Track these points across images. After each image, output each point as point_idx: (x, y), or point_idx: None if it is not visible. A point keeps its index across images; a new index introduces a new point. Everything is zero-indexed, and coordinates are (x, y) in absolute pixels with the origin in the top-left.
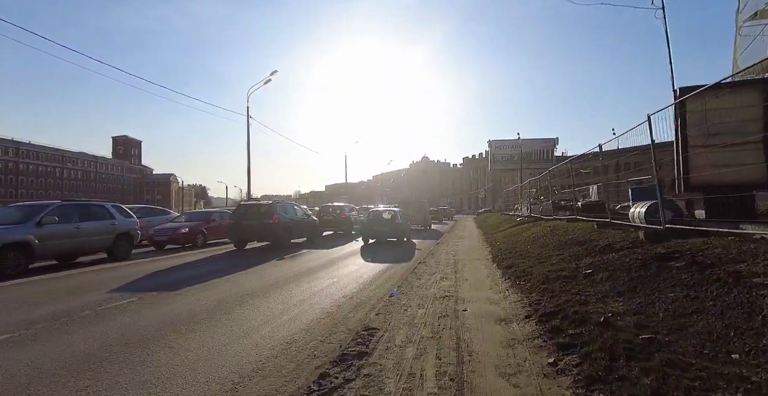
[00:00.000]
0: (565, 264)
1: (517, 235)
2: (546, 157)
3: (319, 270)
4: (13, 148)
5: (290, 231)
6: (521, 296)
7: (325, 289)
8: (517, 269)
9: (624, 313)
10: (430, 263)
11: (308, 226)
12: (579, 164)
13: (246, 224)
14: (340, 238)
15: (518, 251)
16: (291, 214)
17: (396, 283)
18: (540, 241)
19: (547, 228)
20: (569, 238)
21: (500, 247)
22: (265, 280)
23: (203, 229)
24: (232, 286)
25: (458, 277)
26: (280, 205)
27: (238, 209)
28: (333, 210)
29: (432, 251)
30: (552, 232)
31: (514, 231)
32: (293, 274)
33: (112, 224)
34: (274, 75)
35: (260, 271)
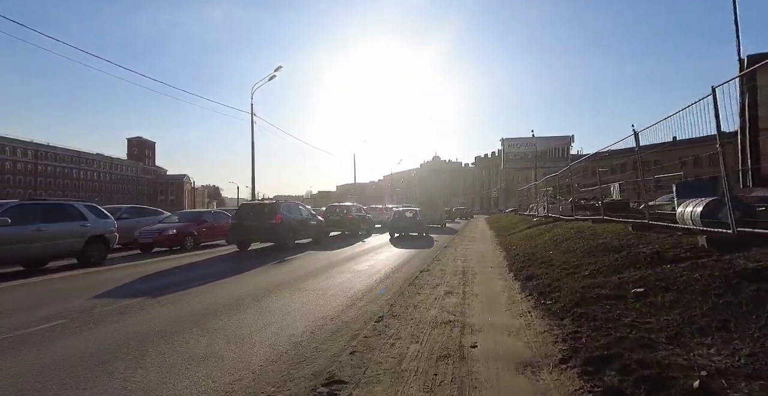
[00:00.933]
0: (602, 277)
1: (535, 238)
2: (561, 156)
3: (310, 277)
4: (32, 149)
5: (295, 231)
6: (550, 323)
7: (305, 306)
8: (541, 282)
9: (731, 371)
10: (434, 272)
11: (314, 227)
12: (596, 162)
13: (248, 225)
14: (347, 239)
15: (539, 258)
16: (296, 214)
17: (391, 298)
18: (564, 246)
19: (571, 230)
20: (600, 242)
21: (517, 251)
22: (238, 293)
23: (193, 231)
24: (193, 303)
25: (467, 291)
26: (284, 204)
27: (241, 209)
28: (340, 210)
29: (437, 257)
30: (577, 235)
31: (531, 233)
32: (277, 284)
33: (83, 226)
34: (278, 71)
35: (241, 280)
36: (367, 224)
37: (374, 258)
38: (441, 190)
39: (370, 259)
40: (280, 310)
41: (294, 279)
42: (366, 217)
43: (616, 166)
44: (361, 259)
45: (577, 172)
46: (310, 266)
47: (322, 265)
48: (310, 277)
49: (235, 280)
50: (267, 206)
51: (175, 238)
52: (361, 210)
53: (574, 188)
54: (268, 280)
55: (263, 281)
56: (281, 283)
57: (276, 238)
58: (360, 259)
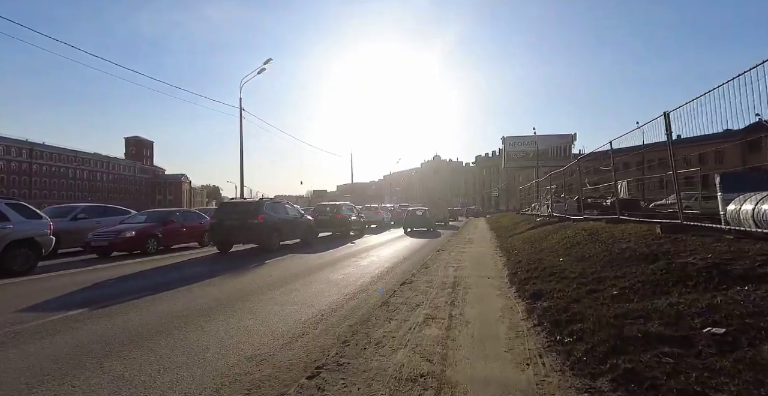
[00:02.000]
0: (642, 301)
1: (540, 241)
2: (563, 154)
3: (271, 289)
4: (27, 149)
5: (279, 232)
6: (575, 385)
7: (232, 338)
8: (553, 304)
9: None
10: (419, 284)
11: (302, 227)
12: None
13: (229, 225)
14: (336, 241)
15: (547, 267)
16: (281, 214)
17: (353, 326)
18: (577, 251)
19: (582, 231)
20: (623, 247)
21: (520, 257)
22: (163, 315)
23: (156, 233)
24: (92, 331)
25: (454, 315)
26: (268, 203)
27: (221, 208)
28: (329, 209)
29: (426, 263)
30: (591, 238)
31: (535, 234)
32: (225, 299)
33: (2, 228)
34: (268, 64)
35: (185, 293)
36: (359, 224)
37: (356, 264)
38: (441, 189)
39: (351, 264)
40: (191, 347)
41: (251, 292)
42: (358, 216)
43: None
44: (342, 264)
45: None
46: (282, 273)
47: (297, 271)
48: (274, 288)
49: (177, 293)
50: (249, 205)
51: (135, 240)
52: (353, 209)
53: (583, 184)
54: (220, 292)
55: (210, 295)
56: (230, 298)
57: (258, 239)
58: (340, 264)
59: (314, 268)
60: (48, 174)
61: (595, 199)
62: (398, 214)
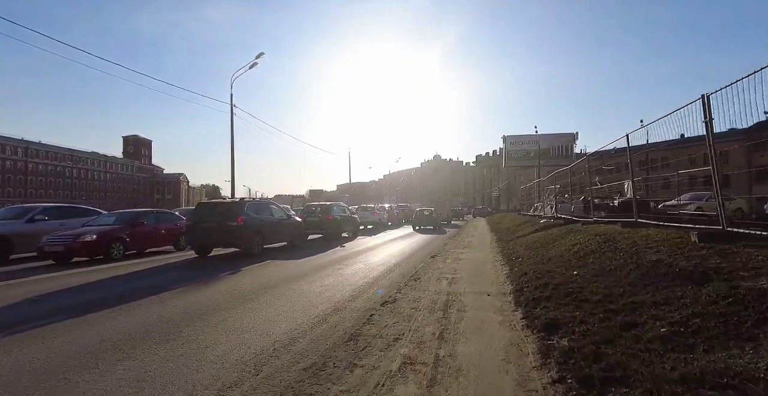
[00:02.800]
0: (717, 351)
1: (547, 246)
2: (564, 154)
3: (230, 308)
4: (23, 147)
5: (262, 235)
6: None
7: (132, 387)
8: (578, 345)
9: None
10: (403, 305)
11: (289, 229)
12: (601, 161)
13: (206, 227)
14: (326, 243)
15: (560, 283)
16: (265, 215)
17: (309, 366)
18: (594, 262)
19: (595, 237)
20: (653, 260)
21: (525, 267)
22: (54, 355)
23: (122, 236)
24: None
25: (441, 358)
26: (250, 203)
27: (198, 208)
28: (320, 210)
29: (417, 273)
30: (608, 246)
31: (540, 239)
32: (159, 325)
33: None
34: (260, 58)
35: (102, 321)
36: (352, 225)
37: (340, 272)
38: (441, 189)
39: (333, 274)
40: None
41: (203, 311)
42: (351, 217)
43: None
44: (324, 273)
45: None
46: (252, 284)
47: (270, 282)
48: (233, 305)
49: (105, 316)
50: (228, 206)
51: (96, 245)
52: (345, 209)
53: (593, 183)
54: (162, 312)
55: (146, 318)
56: (170, 322)
57: (239, 243)
58: (322, 273)
59: (291, 278)
60: (44, 173)
61: (602, 200)
62: (396, 215)
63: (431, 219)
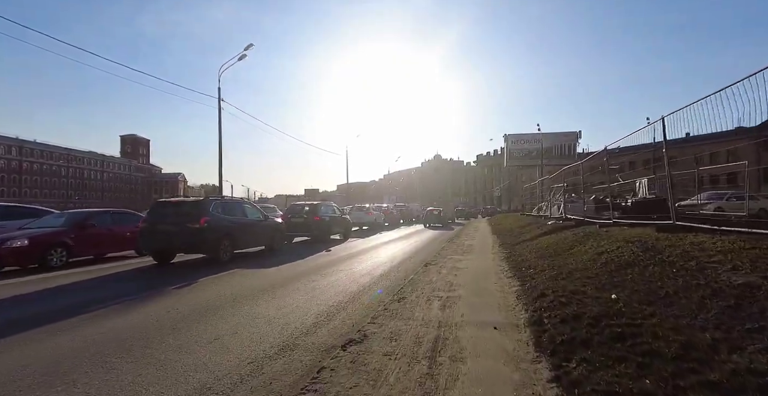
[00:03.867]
0: None
1: (561, 254)
2: (567, 153)
3: (142, 346)
4: (17, 146)
5: (232, 238)
6: None
7: None
8: None
9: None
10: (375, 343)
11: (266, 232)
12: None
13: (163, 230)
14: (312, 247)
15: (599, 315)
16: (237, 216)
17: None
18: (637, 281)
19: (627, 244)
20: (741, 283)
21: (539, 282)
22: None
23: (65, 240)
24: None
25: None
26: (218, 202)
27: (155, 208)
28: (306, 209)
29: (403, 289)
30: (651, 256)
31: (551, 243)
32: (26, 375)
33: None
34: (249, 50)
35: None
36: (342, 227)
37: (313, 286)
38: (442, 189)
39: (303, 288)
40: None
41: (114, 347)
42: (341, 218)
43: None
44: (292, 287)
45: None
46: (196, 304)
47: (221, 300)
48: (148, 342)
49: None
50: (189, 205)
51: (27, 251)
52: (335, 209)
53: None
54: (54, 349)
55: (18, 360)
56: (45, 370)
57: (202, 248)
58: (290, 287)
59: (249, 294)
60: (39, 172)
61: (614, 199)
62: (394, 215)
63: (440, 218)
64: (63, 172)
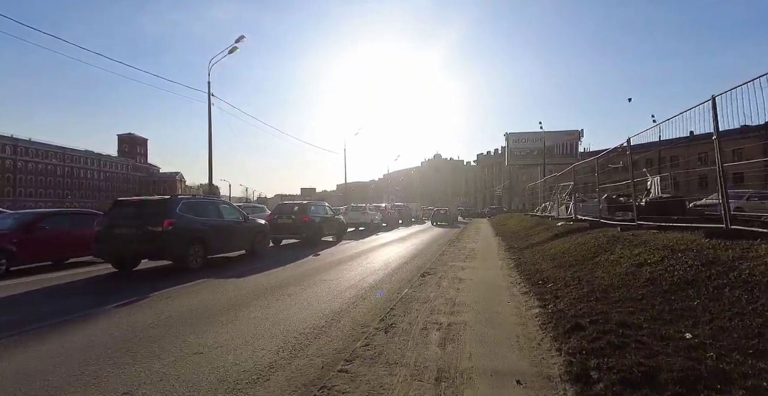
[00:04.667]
0: None
1: (584, 263)
2: (569, 152)
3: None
4: (11, 145)
5: (203, 242)
6: None
7: None
8: None
9: None
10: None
11: (247, 234)
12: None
13: (120, 233)
14: (299, 251)
15: (682, 373)
16: (210, 216)
17: None
18: (717, 311)
19: (676, 254)
20: None
21: (569, 306)
22: None
23: (7, 245)
24: None
25: None
26: (186, 201)
27: (114, 208)
28: (295, 210)
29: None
30: (716, 273)
31: (567, 248)
32: None
33: None
34: (240, 42)
35: None
36: (335, 228)
37: (286, 302)
38: (442, 188)
39: (275, 304)
40: None
41: None
42: (334, 218)
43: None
44: (261, 303)
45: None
46: (135, 328)
47: (170, 322)
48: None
49: None
50: (153, 204)
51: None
52: (327, 209)
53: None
54: None
55: None
56: None
57: (167, 254)
58: (259, 303)
59: (204, 316)
60: (34, 171)
61: (627, 199)
62: (392, 215)
63: (446, 216)
64: (59, 171)
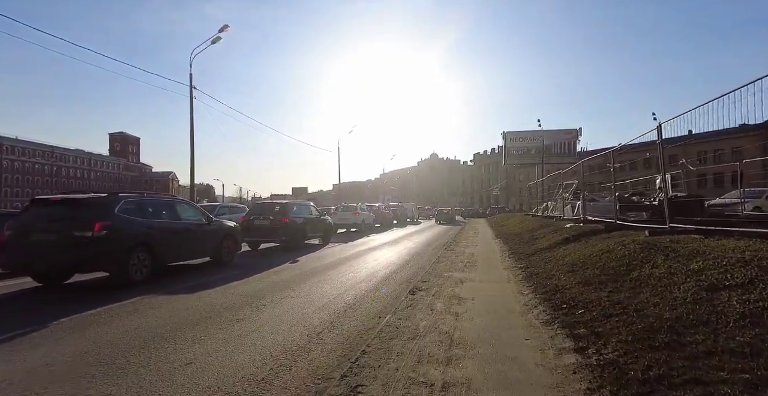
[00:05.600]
0: None
1: (620, 281)
2: (566, 151)
3: None
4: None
5: (152, 250)
6: None
7: None
8: None
9: None
10: None
11: (212, 239)
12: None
13: (39, 240)
14: (273, 258)
15: None
16: (164, 218)
17: None
18: None
19: (753, 268)
20: None
21: (621, 353)
22: None
23: None
24: None
25: None
26: (129, 200)
27: (29, 210)
28: (275, 210)
29: (359, 361)
30: None
31: (585, 257)
32: None
33: None
34: (224, 32)
35: None
36: (321, 230)
37: (238, 329)
38: (439, 188)
39: (213, 337)
40: None
41: None
42: (319, 219)
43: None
44: (199, 336)
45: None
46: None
47: (64, 360)
48: None
49: None
50: (82, 204)
51: None
52: (312, 210)
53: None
54: None
55: None
56: None
57: (100, 264)
58: (198, 335)
59: (109, 358)
60: (20, 171)
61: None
62: (386, 215)
63: (448, 216)
64: (47, 170)
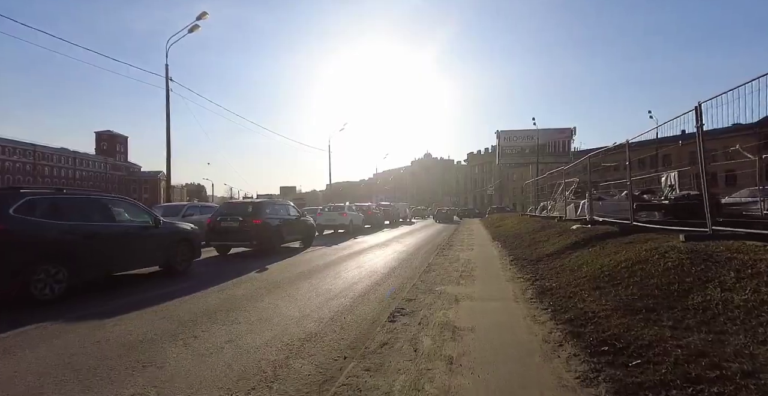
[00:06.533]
0: None
1: (677, 305)
2: (561, 150)
3: None
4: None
5: (66, 260)
6: None
7: None
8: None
9: None
10: None
11: (161, 244)
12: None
13: None
14: (239, 265)
15: None
16: (87, 219)
17: None
18: None
19: None
20: None
21: None
22: None
23: None
24: None
25: None
26: (33, 198)
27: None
28: (249, 210)
29: None
30: None
31: (610, 266)
32: None
33: None
34: (201, 20)
35: None
36: (300, 233)
37: (147, 377)
38: (433, 188)
39: (108, 387)
40: None
41: None
42: (299, 221)
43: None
44: (87, 386)
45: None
46: None
47: None
48: None
49: None
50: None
51: None
52: (290, 210)
53: (731, 151)
54: None
55: None
56: None
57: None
58: (83, 386)
59: None
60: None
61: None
62: (377, 215)
63: (447, 215)
64: (28, 169)
